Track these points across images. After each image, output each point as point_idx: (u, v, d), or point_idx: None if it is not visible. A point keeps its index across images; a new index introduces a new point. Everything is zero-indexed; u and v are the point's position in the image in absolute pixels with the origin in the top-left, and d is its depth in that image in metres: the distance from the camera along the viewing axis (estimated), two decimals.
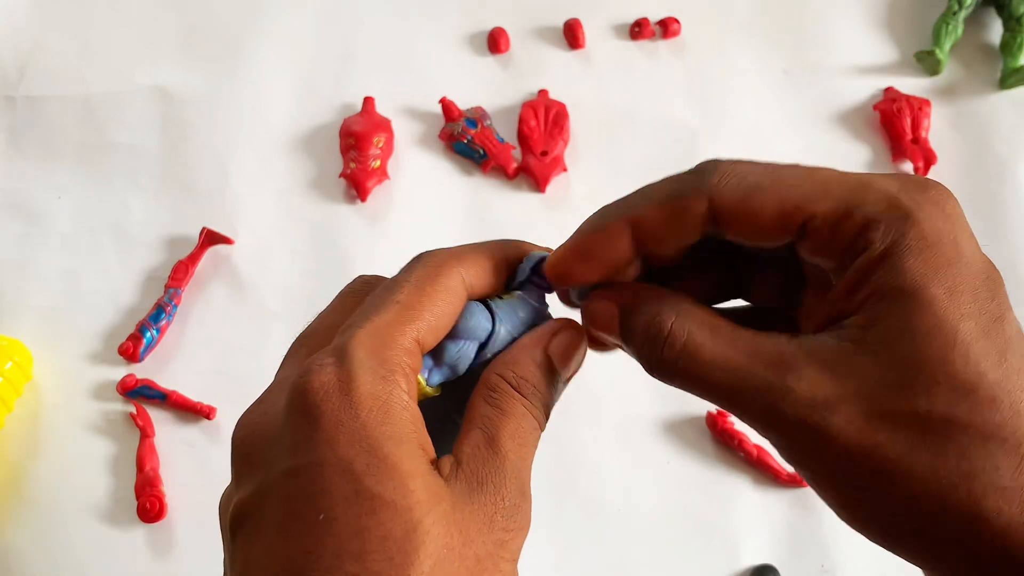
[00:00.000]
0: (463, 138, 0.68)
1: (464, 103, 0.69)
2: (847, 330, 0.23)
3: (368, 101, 0.70)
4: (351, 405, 0.23)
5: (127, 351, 0.61)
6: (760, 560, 0.56)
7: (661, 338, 0.26)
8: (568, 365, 0.28)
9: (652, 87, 0.71)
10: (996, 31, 0.72)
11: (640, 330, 0.26)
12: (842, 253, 0.24)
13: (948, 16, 0.70)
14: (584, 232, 0.27)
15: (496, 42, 0.72)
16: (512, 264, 0.29)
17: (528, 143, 0.68)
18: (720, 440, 0.59)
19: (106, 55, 0.73)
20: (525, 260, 0.29)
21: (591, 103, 0.70)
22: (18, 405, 0.61)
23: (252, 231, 0.66)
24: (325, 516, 0.22)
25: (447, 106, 0.69)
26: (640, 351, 0.27)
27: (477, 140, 0.67)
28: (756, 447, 0.57)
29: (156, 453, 0.59)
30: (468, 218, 0.67)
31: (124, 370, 0.62)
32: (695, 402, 0.60)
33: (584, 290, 0.29)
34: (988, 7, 0.72)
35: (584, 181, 0.68)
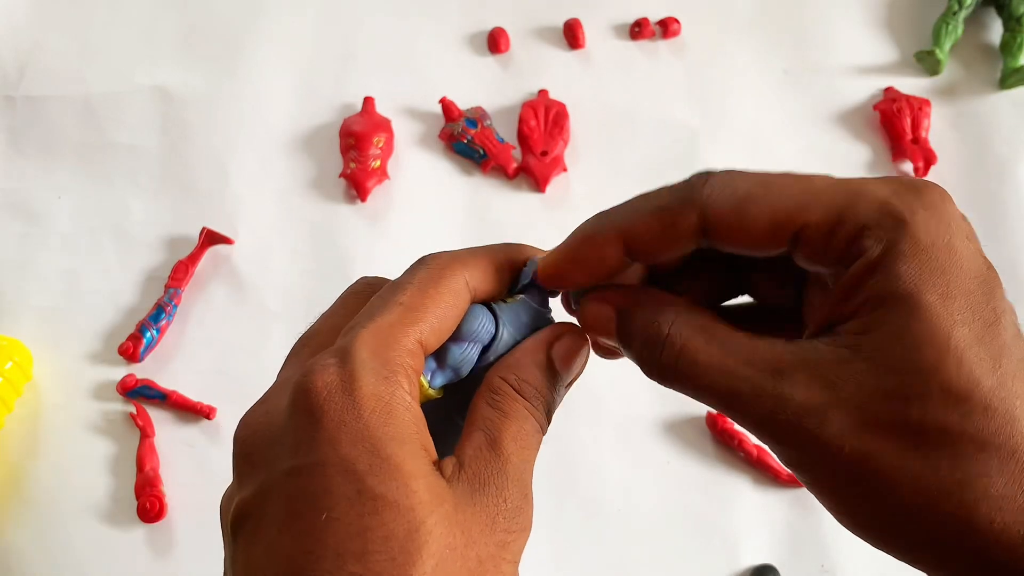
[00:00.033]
0: (463, 138, 0.67)
1: (464, 103, 0.69)
2: (842, 336, 0.23)
3: (368, 101, 0.70)
4: (354, 405, 0.23)
5: (127, 351, 0.61)
6: (760, 560, 0.56)
7: (659, 342, 0.26)
8: (570, 369, 0.28)
9: (652, 87, 0.71)
10: (996, 31, 0.72)
11: (638, 334, 0.27)
12: (837, 260, 0.24)
13: (948, 16, 0.70)
14: (576, 239, 0.28)
15: (496, 42, 0.72)
16: (515, 268, 0.29)
17: (528, 143, 0.68)
18: (720, 440, 0.59)
19: (106, 55, 0.73)
20: (528, 264, 0.29)
21: (591, 103, 0.70)
22: (18, 405, 0.61)
23: (252, 231, 0.66)
24: (327, 516, 0.22)
25: (447, 106, 0.69)
26: (638, 355, 0.27)
27: (477, 140, 0.67)
28: (756, 447, 0.57)
29: (156, 453, 0.59)
30: (468, 218, 0.67)
31: (124, 370, 0.62)
32: (695, 402, 0.59)
33: (579, 294, 0.29)
34: (988, 7, 0.72)
35: (584, 181, 0.68)
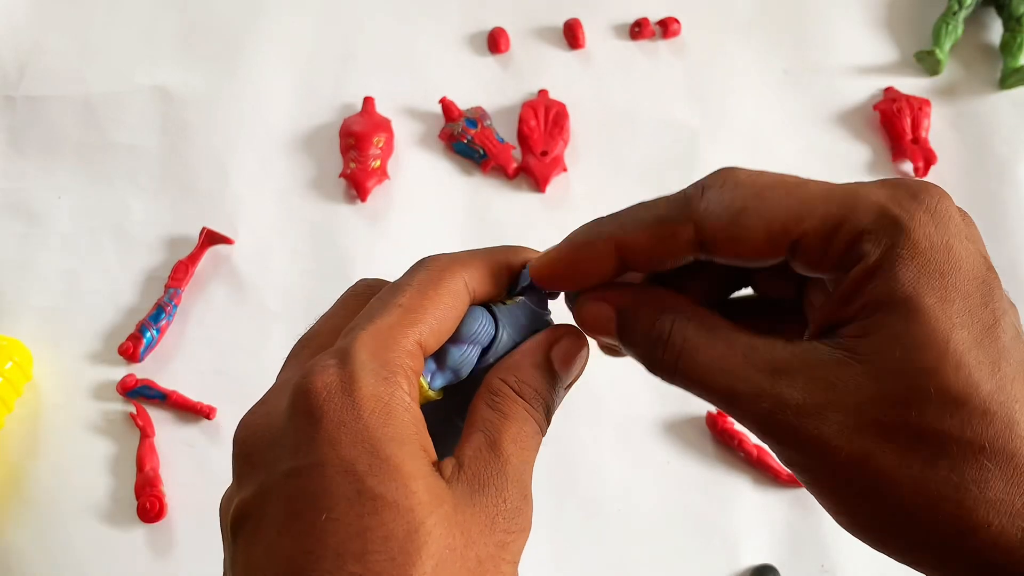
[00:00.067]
0: (463, 138, 0.67)
1: (464, 103, 0.69)
2: (842, 339, 0.23)
3: (368, 101, 0.70)
4: (353, 406, 0.23)
5: (127, 351, 0.61)
6: (760, 560, 0.56)
7: (660, 342, 0.26)
8: (570, 370, 0.28)
9: (652, 87, 0.71)
10: (996, 31, 0.72)
11: (639, 334, 0.27)
12: (835, 266, 0.24)
13: (948, 16, 0.70)
14: (570, 245, 0.28)
15: (496, 42, 0.72)
16: (514, 270, 0.29)
17: (528, 143, 0.68)
18: (720, 440, 0.59)
19: (106, 55, 0.73)
20: (527, 266, 0.29)
21: (591, 103, 0.70)
22: (18, 405, 0.61)
23: (252, 231, 0.66)
24: (327, 516, 0.22)
25: (447, 106, 0.69)
26: (639, 354, 0.27)
27: (477, 140, 0.67)
28: (756, 447, 0.58)
29: (156, 453, 0.59)
30: (468, 218, 0.67)
31: (124, 370, 0.62)
32: (695, 402, 0.60)
33: (577, 293, 0.29)
34: (988, 7, 0.72)
35: (584, 181, 0.68)
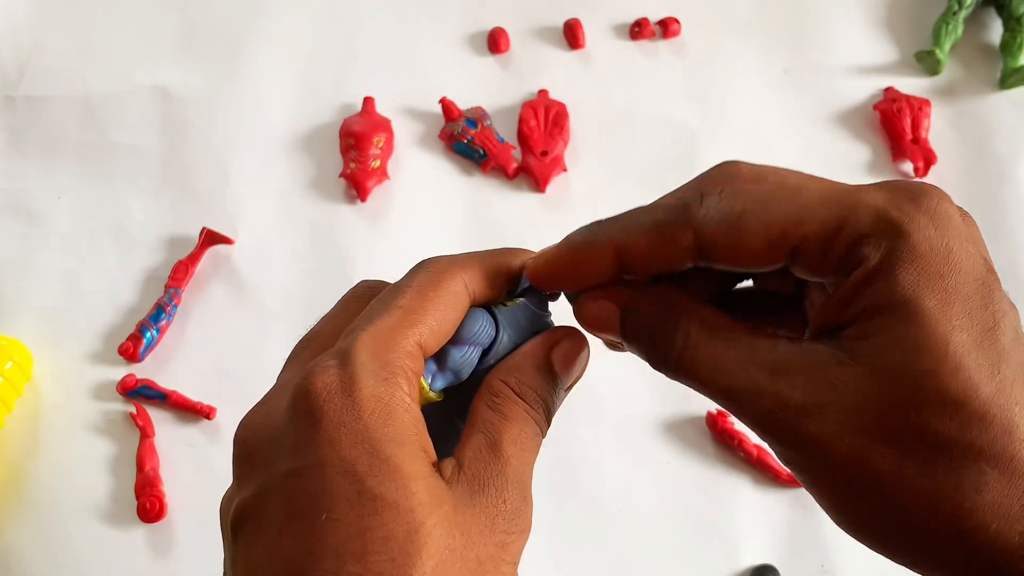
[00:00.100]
0: (463, 138, 0.67)
1: (464, 103, 0.69)
2: (842, 341, 0.23)
3: (368, 101, 0.70)
4: (353, 406, 0.23)
5: (127, 351, 0.61)
6: (760, 560, 0.56)
7: (662, 340, 0.26)
8: (570, 372, 0.28)
9: (652, 87, 0.71)
10: (996, 31, 0.72)
11: (642, 330, 0.27)
12: (835, 270, 0.24)
13: (948, 16, 0.70)
14: (569, 246, 0.28)
15: (496, 42, 0.72)
16: (514, 271, 0.29)
17: (528, 143, 0.68)
18: (720, 440, 0.59)
19: (106, 55, 0.73)
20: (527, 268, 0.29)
21: (591, 103, 0.70)
22: (18, 405, 0.61)
23: (252, 231, 0.66)
24: (327, 516, 0.22)
25: (447, 106, 0.69)
26: (642, 352, 0.27)
27: (477, 140, 0.67)
28: (756, 447, 0.57)
29: (156, 453, 0.59)
30: (468, 218, 0.67)
31: (124, 370, 0.62)
32: (695, 402, 0.60)
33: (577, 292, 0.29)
34: (988, 7, 0.72)
35: (584, 181, 0.67)
